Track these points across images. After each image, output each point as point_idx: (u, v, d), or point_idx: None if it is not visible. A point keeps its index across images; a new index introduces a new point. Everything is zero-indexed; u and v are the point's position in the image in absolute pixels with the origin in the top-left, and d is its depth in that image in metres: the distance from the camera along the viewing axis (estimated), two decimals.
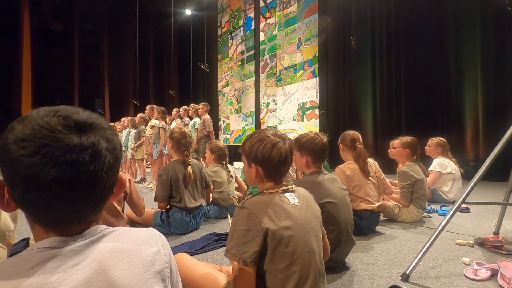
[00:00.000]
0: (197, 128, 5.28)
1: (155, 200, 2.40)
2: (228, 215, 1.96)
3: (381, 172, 2.49)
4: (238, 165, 8.22)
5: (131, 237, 0.54)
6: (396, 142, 2.83)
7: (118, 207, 1.98)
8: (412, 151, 2.76)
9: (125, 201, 2.08)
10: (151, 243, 0.56)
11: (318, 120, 8.31)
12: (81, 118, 0.47)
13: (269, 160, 1.04)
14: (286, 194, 1.04)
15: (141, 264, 0.51)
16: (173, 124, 5.79)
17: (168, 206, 2.43)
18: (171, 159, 3.00)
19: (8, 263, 0.45)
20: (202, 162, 4.98)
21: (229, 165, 3.16)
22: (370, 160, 2.43)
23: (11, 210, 0.48)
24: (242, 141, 1.13)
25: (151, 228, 0.60)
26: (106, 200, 0.53)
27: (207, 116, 5.26)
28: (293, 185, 1.11)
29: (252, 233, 0.94)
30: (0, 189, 0.48)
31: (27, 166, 0.43)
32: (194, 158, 3.84)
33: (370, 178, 2.32)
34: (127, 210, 2.24)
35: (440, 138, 3.63)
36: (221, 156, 3.05)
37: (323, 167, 1.77)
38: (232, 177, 3.04)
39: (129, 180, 2.04)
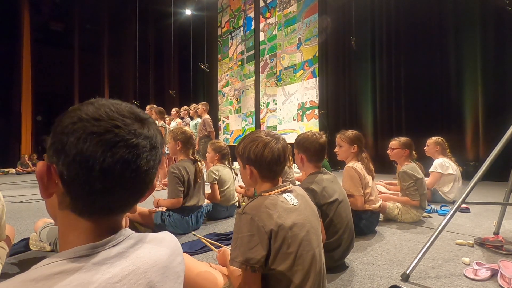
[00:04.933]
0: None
1: (169, 197, 2.35)
2: (193, 232, 1.96)
3: None
4: (237, 165, 8.22)
5: (160, 246, 0.55)
6: (394, 143, 2.83)
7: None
8: (410, 151, 2.76)
9: None
10: (176, 252, 0.58)
11: (318, 120, 8.31)
12: (141, 112, 0.51)
13: (262, 159, 1.03)
14: (284, 195, 1.04)
15: (172, 276, 0.55)
16: (173, 124, 5.78)
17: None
18: (175, 160, 3.01)
19: (34, 277, 0.40)
20: (202, 162, 4.98)
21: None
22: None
23: (48, 196, 0.47)
24: (237, 144, 1.13)
25: (169, 233, 0.62)
26: (144, 195, 0.53)
27: (207, 116, 5.25)
28: (290, 185, 1.11)
29: (257, 238, 0.93)
30: (48, 171, 0.46)
31: (96, 143, 0.43)
32: None
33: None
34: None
35: (438, 137, 3.64)
36: (225, 155, 3.08)
37: (322, 166, 1.77)
38: (237, 174, 3.04)
39: None
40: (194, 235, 2.01)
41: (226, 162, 3.09)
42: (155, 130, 0.51)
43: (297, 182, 3.63)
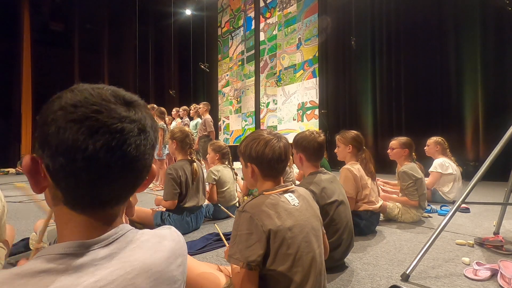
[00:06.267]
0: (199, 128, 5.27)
1: (164, 199, 2.36)
2: (216, 225, 1.97)
3: None
4: (238, 165, 8.21)
5: (158, 247, 0.52)
6: (394, 143, 2.83)
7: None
8: (410, 151, 2.76)
9: None
10: (176, 253, 0.54)
11: (318, 120, 8.31)
12: (126, 94, 0.47)
13: (263, 157, 1.04)
14: (286, 195, 1.04)
15: (166, 281, 0.50)
16: (173, 124, 5.79)
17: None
18: (175, 159, 3.00)
19: (20, 274, 0.39)
20: (202, 162, 4.98)
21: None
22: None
23: (40, 190, 0.45)
24: (239, 143, 1.14)
25: (174, 230, 0.58)
26: (140, 184, 0.50)
27: (208, 116, 5.25)
28: (292, 185, 1.11)
29: (255, 236, 0.93)
30: (35, 164, 0.44)
31: (76, 132, 0.40)
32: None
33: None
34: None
35: (439, 137, 3.64)
36: (225, 155, 3.07)
37: (321, 166, 1.77)
38: (237, 175, 3.04)
39: None
40: (216, 227, 2.00)
41: (227, 162, 3.09)
42: (145, 113, 0.48)
43: (297, 182, 3.63)
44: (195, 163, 2.51)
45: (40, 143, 0.43)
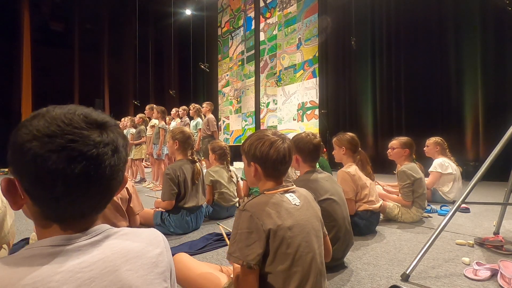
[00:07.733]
0: (199, 128, 5.25)
1: (162, 199, 2.37)
2: (221, 226, 1.97)
3: None
4: (238, 165, 8.21)
5: (136, 238, 0.55)
6: (394, 143, 2.83)
7: (123, 207, 1.96)
8: (410, 151, 2.76)
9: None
10: (154, 244, 0.57)
11: (318, 120, 8.31)
12: (98, 117, 0.50)
13: (267, 158, 1.04)
14: (287, 195, 1.04)
15: (146, 265, 0.53)
16: (173, 124, 5.78)
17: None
18: (174, 159, 3.00)
19: (11, 260, 0.44)
20: (203, 162, 4.98)
21: (230, 166, 3.16)
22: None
23: (18, 207, 0.49)
24: (243, 141, 1.14)
25: (153, 229, 0.62)
26: (115, 194, 0.54)
27: (211, 116, 5.24)
28: (294, 186, 1.11)
29: (255, 235, 0.93)
30: (12, 186, 0.47)
31: (55, 161, 0.43)
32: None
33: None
34: None
35: (438, 137, 3.64)
36: (222, 156, 3.04)
37: (319, 166, 1.78)
38: (233, 177, 3.03)
39: (132, 185, 2.00)
40: (218, 224, 1.98)
41: (225, 163, 3.07)
42: (116, 133, 0.51)
43: None
44: (197, 164, 2.51)
45: (16, 168, 0.46)
